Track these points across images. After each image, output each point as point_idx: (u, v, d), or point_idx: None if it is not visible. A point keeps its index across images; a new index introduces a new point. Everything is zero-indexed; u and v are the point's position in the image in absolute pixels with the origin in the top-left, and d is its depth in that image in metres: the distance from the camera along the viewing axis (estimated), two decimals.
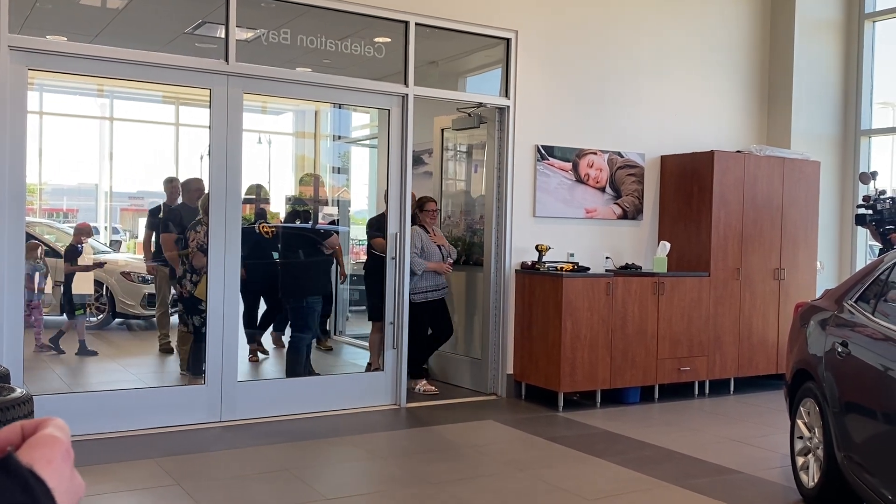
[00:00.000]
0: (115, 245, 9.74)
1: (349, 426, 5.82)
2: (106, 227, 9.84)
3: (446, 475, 4.76)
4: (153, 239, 7.24)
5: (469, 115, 7.34)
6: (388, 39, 6.47)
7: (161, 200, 7.36)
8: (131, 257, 9.07)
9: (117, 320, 8.26)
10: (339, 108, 9.10)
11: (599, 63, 7.40)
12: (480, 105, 7.09)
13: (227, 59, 5.77)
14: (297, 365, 6.63)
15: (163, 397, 5.73)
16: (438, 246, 6.90)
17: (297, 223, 7.57)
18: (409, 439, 5.64)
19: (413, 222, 6.71)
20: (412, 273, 6.60)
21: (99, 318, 8.16)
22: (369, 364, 6.99)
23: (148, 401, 5.65)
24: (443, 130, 7.86)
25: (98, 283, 8.03)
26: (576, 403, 6.67)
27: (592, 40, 7.36)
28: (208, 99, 5.79)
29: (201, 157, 7.42)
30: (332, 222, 8.68)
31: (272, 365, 7.50)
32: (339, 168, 10.40)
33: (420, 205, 6.91)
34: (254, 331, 7.46)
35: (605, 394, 6.73)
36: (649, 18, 7.69)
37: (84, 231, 7.65)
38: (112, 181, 9.36)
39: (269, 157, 9.93)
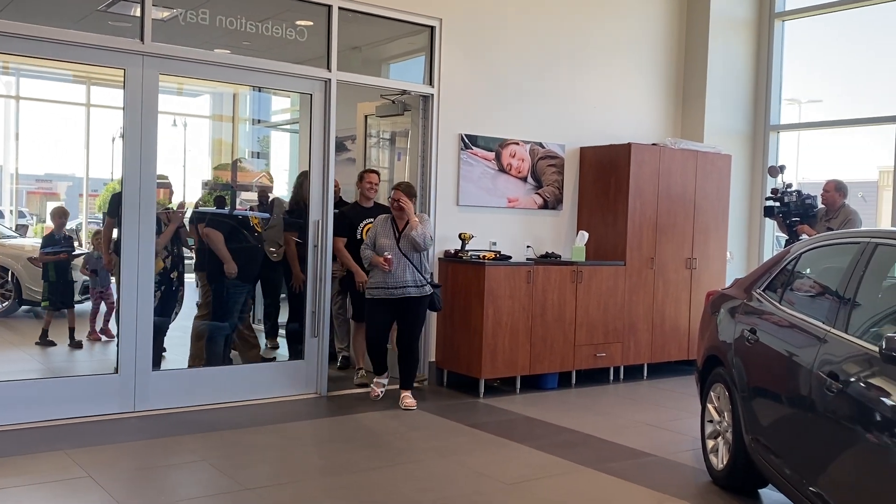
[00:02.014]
0: (22, 229, 9.32)
1: (269, 416, 5.75)
2: (11, 211, 9.41)
3: (367, 463, 4.76)
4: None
5: (393, 102, 7.31)
6: (311, 23, 6.37)
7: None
8: (39, 242, 8.69)
9: (24, 308, 7.92)
10: (259, 91, 8.92)
11: (522, 54, 7.47)
12: (404, 92, 7.07)
13: (142, 39, 5.58)
14: (214, 354, 6.49)
15: (72, 388, 5.53)
16: (399, 236, 6.09)
17: (250, 209, 7.29)
18: (330, 428, 5.60)
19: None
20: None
21: (4, 305, 7.81)
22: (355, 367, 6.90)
23: (56, 391, 5.44)
24: (366, 117, 7.81)
25: (3, 269, 7.68)
26: (496, 390, 6.75)
27: (516, 31, 7.42)
28: (122, 79, 5.59)
29: (113, 140, 7.17)
30: (251, 208, 8.50)
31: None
32: (258, 153, 10.20)
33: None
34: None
35: (524, 380, 6.84)
36: (571, 11, 7.80)
37: None
38: (18, 163, 8.94)
39: (185, 141, 9.66)
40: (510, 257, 6.96)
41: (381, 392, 6.33)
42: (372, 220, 6.56)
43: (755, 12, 8.83)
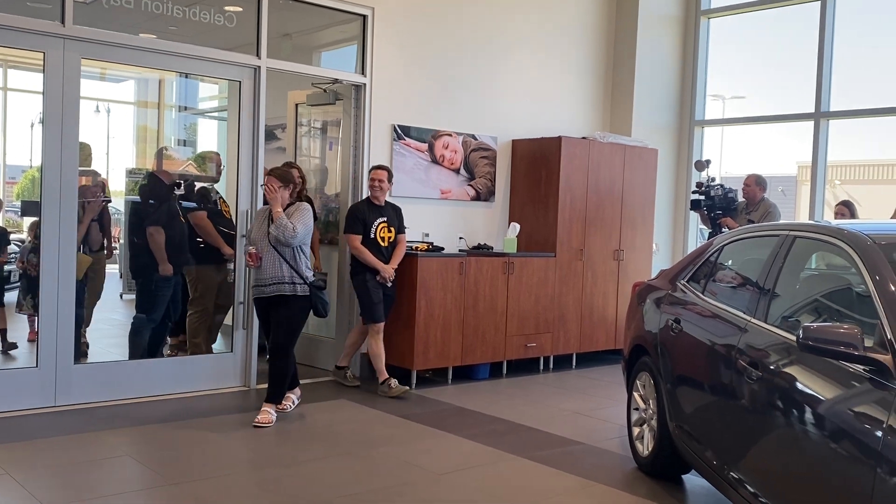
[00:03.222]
0: None
1: (196, 409, 5.65)
2: None
3: (298, 456, 4.72)
4: None
5: (324, 90, 7.24)
6: (240, 9, 6.25)
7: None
8: None
9: None
10: (187, 77, 8.70)
11: (456, 45, 7.48)
12: (336, 81, 7.00)
13: (63, 21, 5.39)
14: (138, 348, 6.33)
15: None
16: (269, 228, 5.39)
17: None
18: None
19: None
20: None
21: None
22: (338, 366, 6.64)
23: None
24: (297, 105, 7.71)
25: None
26: (428, 380, 6.78)
27: (450, 22, 7.43)
28: (42, 63, 5.38)
29: (32, 126, 6.90)
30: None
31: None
32: (185, 140, 9.96)
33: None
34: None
35: (456, 370, 6.88)
36: (505, 5, 7.85)
37: None
38: None
39: (108, 127, 9.37)
40: (443, 249, 6.98)
41: (289, 407, 5.63)
42: (385, 219, 6.41)
43: (682, 9, 9.04)
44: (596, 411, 6.04)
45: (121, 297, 7.19)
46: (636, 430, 4.81)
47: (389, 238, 6.41)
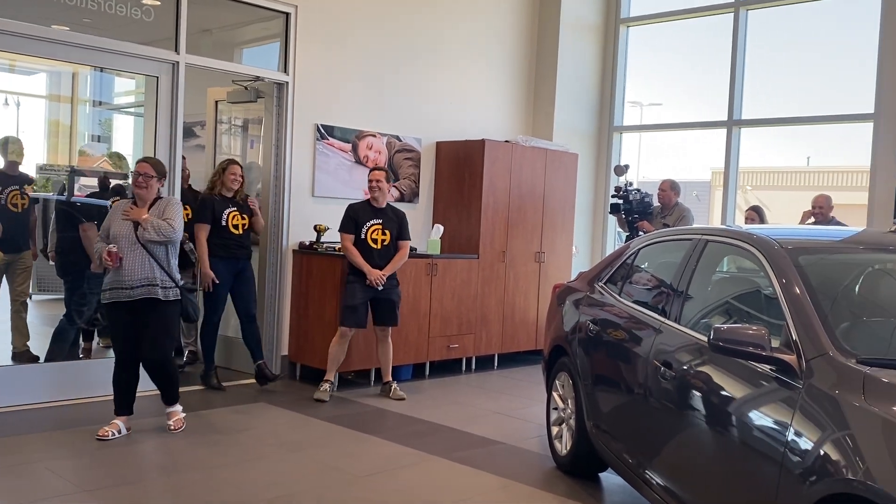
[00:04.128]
0: None
1: (109, 413, 5.46)
2: None
3: (215, 460, 4.63)
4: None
5: (246, 88, 7.11)
6: (158, 2, 6.09)
7: None
8: None
9: None
10: (102, 71, 8.43)
11: (381, 46, 7.46)
12: (258, 79, 6.89)
13: None
14: (62, 350, 6.09)
15: None
16: (137, 225, 4.88)
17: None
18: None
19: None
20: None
21: None
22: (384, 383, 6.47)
23: None
24: (217, 102, 7.55)
25: None
26: (351, 382, 6.74)
27: (375, 23, 7.41)
28: None
29: None
30: (91, 195, 8.03)
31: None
32: (99, 136, 9.64)
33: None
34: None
35: (379, 372, 6.84)
36: (429, 7, 7.87)
37: None
38: None
39: (18, 121, 8.99)
40: None
41: (114, 434, 4.94)
42: (380, 221, 6.26)
43: (602, 17, 9.23)
44: (517, 411, 6.11)
45: (30, 297, 6.88)
46: (555, 430, 4.88)
47: (383, 241, 6.25)
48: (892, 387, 2.43)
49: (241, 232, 6.29)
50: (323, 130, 7.04)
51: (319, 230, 6.76)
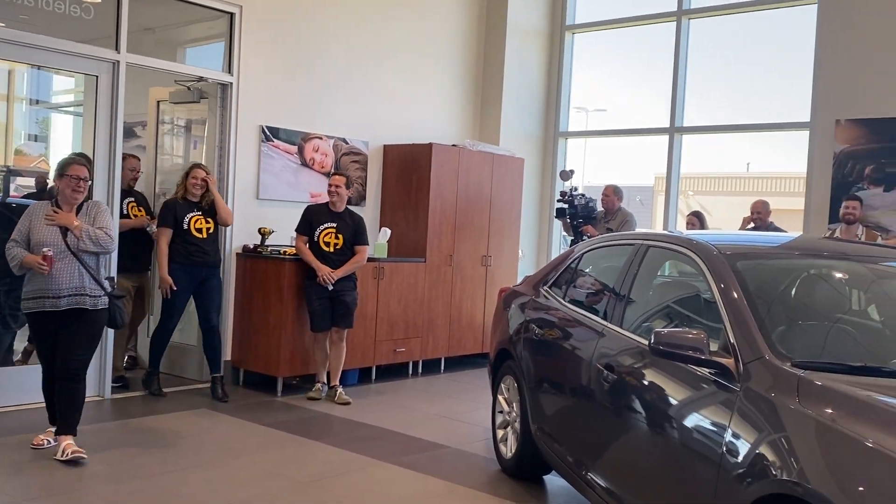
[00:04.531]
0: None
1: (44, 421, 5.30)
2: None
3: (155, 468, 4.53)
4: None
5: (189, 88, 7.00)
6: (98, 0, 5.95)
7: None
8: None
9: None
10: (39, 69, 8.19)
11: (328, 48, 7.42)
12: (201, 79, 6.78)
13: None
14: None
15: None
16: (65, 231, 4.55)
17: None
18: (114, 433, 5.26)
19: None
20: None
21: None
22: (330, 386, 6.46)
23: None
24: (158, 103, 7.41)
25: None
26: (296, 388, 6.66)
27: (322, 24, 7.36)
28: None
29: None
30: (28, 195, 7.79)
31: None
32: (36, 136, 9.37)
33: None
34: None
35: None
36: (377, 10, 7.85)
37: None
38: None
39: None
40: None
41: (49, 443, 4.76)
42: (334, 225, 6.28)
43: (548, 24, 9.33)
44: (463, 415, 6.12)
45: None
46: (500, 433, 4.90)
47: (336, 245, 6.29)
48: (826, 389, 2.50)
49: (204, 236, 6.12)
50: (268, 132, 6.96)
51: (264, 233, 6.68)
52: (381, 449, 5.10)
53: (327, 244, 6.30)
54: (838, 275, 3.56)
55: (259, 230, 6.68)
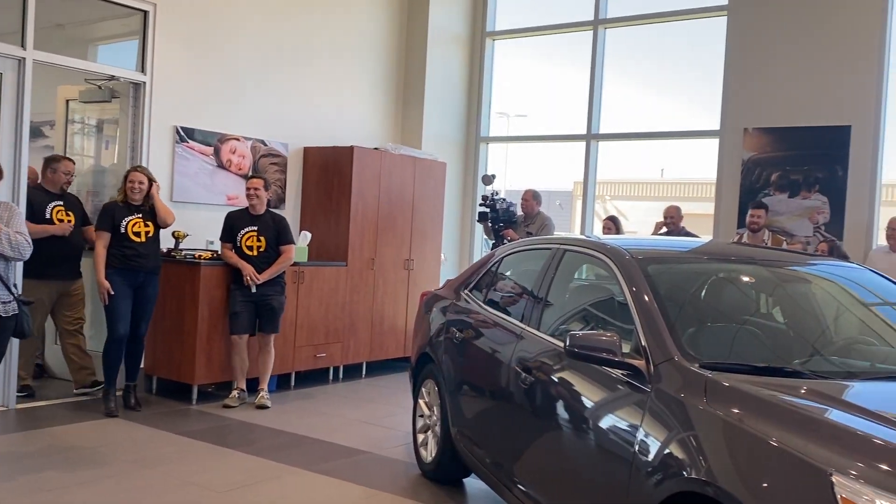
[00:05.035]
0: None
1: None
2: None
3: (64, 480, 4.36)
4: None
5: (100, 87, 6.78)
6: None
7: None
8: None
9: None
10: None
11: (246, 47, 7.29)
12: (113, 78, 6.57)
13: None
14: None
15: None
16: None
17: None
18: (19, 444, 5.04)
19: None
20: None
21: None
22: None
23: None
24: (68, 102, 7.15)
25: None
26: (212, 395, 6.51)
27: (240, 23, 7.23)
28: None
29: None
30: None
31: None
32: None
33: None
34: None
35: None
36: (297, 10, 7.76)
37: None
38: None
39: None
40: None
41: None
42: (255, 228, 6.21)
43: (469, 30, 9.40)
44: (383, 420, 6.10)
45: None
46: (421, 437, 4.90)
47: (259, 248, 6.24)
48: (732, 390, 2.58)
49: (143, 240, 5.87)
50: (183, 133, 6.79)
51: (178, 237, 6.51)
52: (299, 456, 5.03)
53: (250, 248, 6.23)
54: (745, 278, 3.68)
55: (173, 234, 6.50)
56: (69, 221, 6.11)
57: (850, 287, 3.67)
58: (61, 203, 6.15)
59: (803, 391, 2.61)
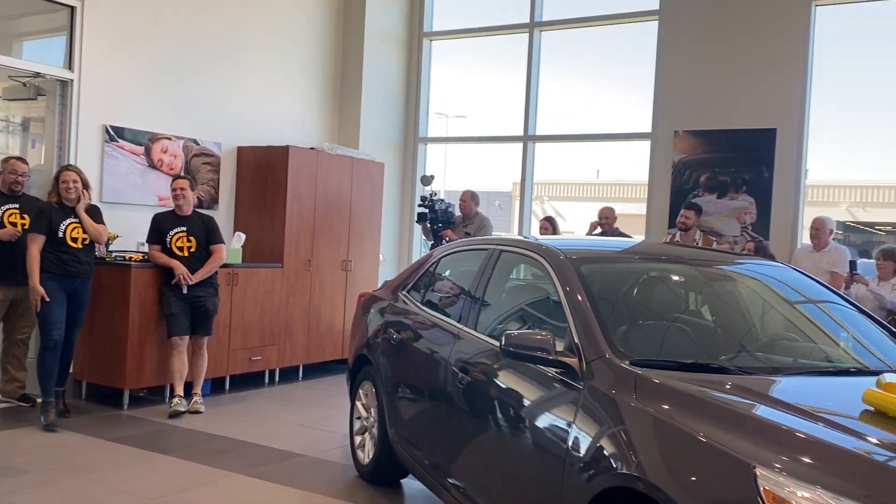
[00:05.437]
0: None
1: None
2: None
3: None
4: None
5: (25, 84, 6.56)
6: None
7: None
8: None
9: None
10: None
11: (178, 45, 7.15)
12: (38, 75, 6.37)
13: None
14: None
15: None
16: None
17: None
18: None
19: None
20: None
21: None
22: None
23: None
24: None
25: None
26: (144, 400, 6.37)
27: (171, 20, 7.08)
28: None
29: None
30: None
31: None
32: None
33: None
34: None
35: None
36: (231, 7, 7.64)
37: None
38: None
39: None
40: None
41: None
42: (185, 228, 6.09)
43: (407, 30, 9.40)
44: (320, 422, 6.05)
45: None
46: (358, 439, 4.88)
47: (189, 248, 6.14)
48: (661, 386, 2.64)
49: (80, 246, 5.65)
50: (112, 132, 6.63)
51: (108, 238, 6.33)
52: (234, 461, 4.95)
53: (180, 249, 6.13)
54: (675, 277, 3.77)
55: None
56: (23, 225, 5.84)
57: (775, 285, 3.78)
58: (16, 206, 5.89)
59: (729, 387, 2.69)
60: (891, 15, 7.40)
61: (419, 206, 8.08)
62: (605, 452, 2.56)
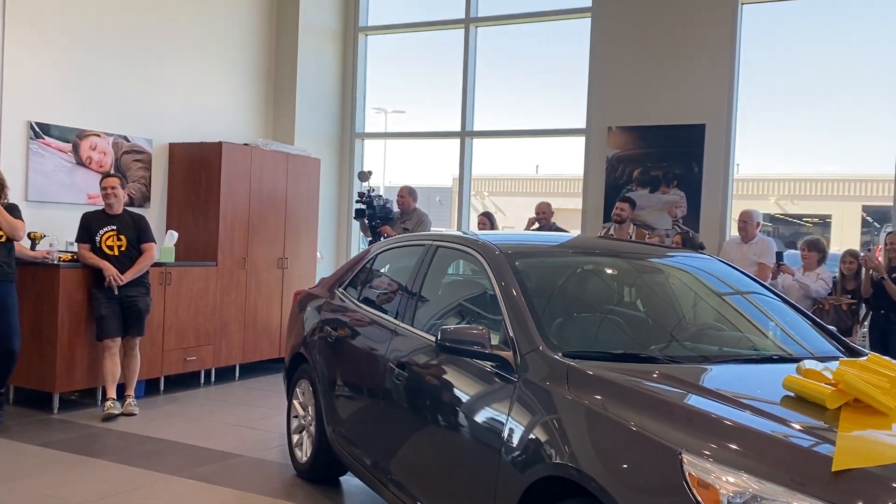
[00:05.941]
0: None
1: None
2: None
3: None
4: None
5: None
6: None
7: None
8: None
9: None
10: None
11: (105, 40, 6.96)
12: None
13: None
14: None
15: None
16: None
17: None
18: None
19: None
20: None
21: None
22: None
23: None
24: None
25: None
26: (75, 403, 6.20)
27: (97, 12, 6.89)
28: None
29: None
30: None
31: None
32: None
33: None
34: None
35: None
36: (159, 1, 7.47)
37: None
38: None
39: None
40: None
41: None
42: (114, 227, 5.94)
43: (342, 25, 9.33)
44: (257, 422, 5.98)
45: None
46: (295, 438, 4.84)
47: (120, 247, 6.01)
48: (593, 377, 2.69)
49: None
50: (38, 129, 6.42)
51: (34, 238, 6.15)
52: (169, 463, 4.87)
53: (110, 248, 6.00)
54: (609, 271, 3.84)
55: (29, 235, 6.13)
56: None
57: (704, 277, 3.89)
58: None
59: (656, 375, 2.75)
60: (815, 13, 7.67)
61: (357, 202, 8.03)
62: (539, 443, 2.60)
